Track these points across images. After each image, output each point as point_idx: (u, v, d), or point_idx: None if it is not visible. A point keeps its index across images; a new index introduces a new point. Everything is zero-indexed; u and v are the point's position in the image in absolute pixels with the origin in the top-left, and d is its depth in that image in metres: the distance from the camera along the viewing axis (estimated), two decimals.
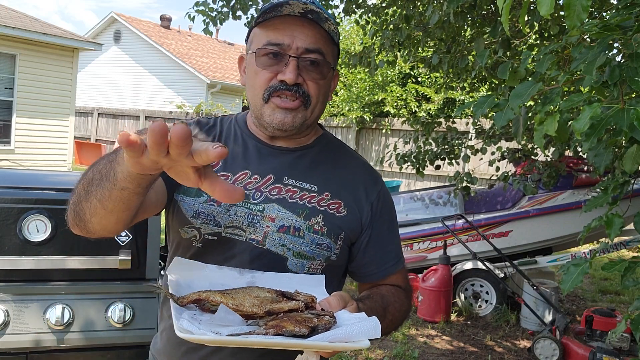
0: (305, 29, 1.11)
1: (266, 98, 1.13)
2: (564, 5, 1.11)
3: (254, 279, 1.07)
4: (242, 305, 0.92)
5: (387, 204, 1.28)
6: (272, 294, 0.97)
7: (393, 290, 1.25)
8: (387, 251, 1.27)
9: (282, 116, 1.13)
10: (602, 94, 1.32)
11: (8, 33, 9.12)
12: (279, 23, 1.11)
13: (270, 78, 1.12)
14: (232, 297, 0.94)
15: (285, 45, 1.10)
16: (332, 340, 0.85)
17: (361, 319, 0.92)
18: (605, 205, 1.70)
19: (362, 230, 1.23)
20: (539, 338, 4.02)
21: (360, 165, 1.30)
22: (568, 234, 5.06)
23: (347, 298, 1.01)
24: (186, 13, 4.48)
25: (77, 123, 16.32)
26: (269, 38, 1.11)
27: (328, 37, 1.13)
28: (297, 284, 1.06)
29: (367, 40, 4.97)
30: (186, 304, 0.93)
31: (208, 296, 0.93)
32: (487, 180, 6.34)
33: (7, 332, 1.76)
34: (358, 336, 0.86)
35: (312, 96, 1.14)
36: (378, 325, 0.89)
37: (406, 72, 12.02)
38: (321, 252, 1.17)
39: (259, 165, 1.19)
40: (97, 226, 0.98)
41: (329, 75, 1.17)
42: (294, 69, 1.10)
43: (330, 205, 1.19)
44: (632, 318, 1.37)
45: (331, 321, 0.90)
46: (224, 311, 0.90)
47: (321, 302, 0.98)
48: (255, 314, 0.92)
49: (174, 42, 19.33)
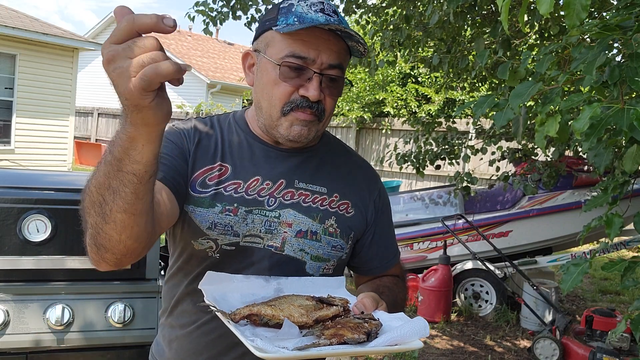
0: (331, 44, 1.08)
1: (286, 112, 1.09)
2: (564, 5, 1.11)
3: (280, 286, 1.09)
4: (292, 316, 0.95)
5: (386, 201, 1.32)
6: (310, 301, 1.00)
7: (395, 280, 1.29)
8: (388, 245, 1.31)
9: (300, 129, 1.10)
10: (602, 94, 1.32)
11: (8, 33, 9.12)
12: (305, 34, 1.06)
13: (291, 92, 1.08)
14: (280, 309, 0.96)
15: (310, 60, 1.06)
16: (390, 344, 0.89)
17: (407, 320, 0.96)
18: (605, 205, 1.70)
19: (367, 227, 1.25)
20: (539, 338, 4.02)
21: (360, 164, 1.31)
22: (568, 234, 5.05)
23: (377, 298, 1.04)
24: (186, 13, 4.48)
25: (77, 123, 16.31)
26: (293, 49, 1.06)
27: (347, 51, 1.12)
28: (321, 287, 1.10)
29: (368, 40, 4.96)
30: (239, 320, 0.94)
31: (260, 310, 0.95)
32: (487, 180, 6.34)
33: (7, 332, 1.76)
34: (410, 337, 0.90)
35: (327, 111, 1.13)
36: (426, 325, 0.92)
37: (406, 72, 12.01)
38: (335, 253, 1.20)
39: (269, 170, 1.17)
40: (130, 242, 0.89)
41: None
42: (318, 86, 1.07)
43: (340, 206, 1.21)
44: (632, 318, 1.38)
45: (379, 324, 0.94)
46: (288, 326, 0.92)
47: (357, 305, 1.01)
48: (306, 323, 0.95)
49: (174, 42, 19.33)
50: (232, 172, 1.16)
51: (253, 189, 1.15)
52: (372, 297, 1.03)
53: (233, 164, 1.17)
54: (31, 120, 9.90)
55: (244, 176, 1.16)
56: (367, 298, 1.02)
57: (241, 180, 1.15)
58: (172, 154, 1.12)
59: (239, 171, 1.16)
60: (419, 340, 0.90)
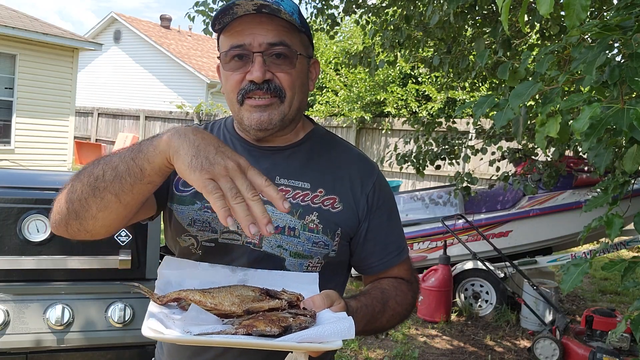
0: (264, 25, 1.09)
1: (240, 101, 1.12)
2: (564, 5, 1.11)
3: (246, 277, 1.06)
4: (220, 304, 0.92)
5: (385, 195, 1.25)
6: (256, 293, 0.96)
7: (395, 283, 1.24)
8: (388, 243, 1.25)
9: (258, 115, 1.12)
10: (602, 94, 1.32)
11: (8, 33, 9.12)
12: (237, 25, 1.10)
13: (240, 80, 1.12)
14: (212, 295, 0.93)
15: (247, 45, 1.09)
16: (301, 340, 0.84)
17: (338, 319, 0.91)
18: (605, 205, 1.70)
19: (359, 223, 1.21)
20: (539, 338, 4.02)
21: (355, 157, 1.27)
22: (568, 234, 5.06)
23: (334, 297, 0.99)
24: (186, 13, 4.48)
25: (77, 123, 16.30)
26: (231, 42, 1.11)
27: (291, 26, 1.12)
28: (290, 281, 1.05)
29: (368, 40, 4.96)
30: (166, 302, 0.93)
31: (187, 295, 0.93)
32: (488, 180, 6.34)
33: (7, 332, 1.76)
34: (331, 336, 0.85)
35: (286, 88, 1.12)
36: (352, 326, 0.88)
37: (407, 73, 12.01)
38: (318, 250, 1.16)
39: None
40: (100, 222, 0.98)
41: (300, 64, 1.15)
42: (259, 66, 1.08)
43: (324, 202, 1.18)
44: (632, 318, 1.37)
45: (308, 320, 0.89)
46: (195, 310, 0.89)
47: (305, 302, 0.97)
48: (234, 312, 0.91)
49: (174, 42, 19.33)
50: None
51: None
52: (326, 294, 0.99)
53: None
54: (31, 120, 9.90)
55: None
56: (319, 295, 0.98)
57: None
58: None
59: None
60: (339, 340, 0.85)
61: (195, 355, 1.17)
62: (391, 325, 1.20)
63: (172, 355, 1.22)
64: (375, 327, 1.16)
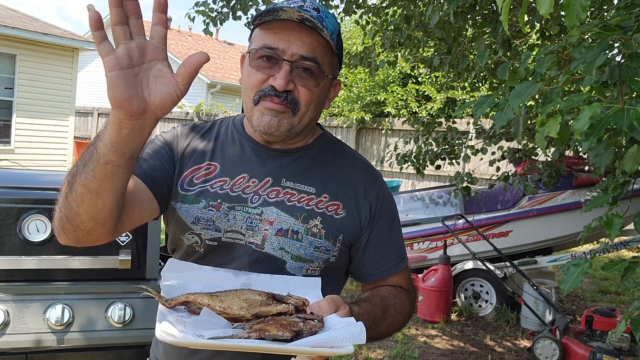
0: (303, 36, 1.09)
1: (256, 101, 1.12)
2: (564, 5, 1.11)
3: (249, 281, 1.07)
4: (229, 308, 0.92)
5: (387, 204, 1.26)
6: (262, 297, 0.96)
7: (394, 291, 1.24)
8: (387, 252, 1.25)
9: (269, 119, 1.11)
10: (602, 94, 1.32)
11: (8, 33, 9.12)
12: (277, 27, 1.10)
13: (262, 81, 1.11)
14: (220, 299, 0.93)
15: (280, 50, 1.09)
16: (314, 345, 0.84)
17: (348, 324, 0.91)
18: (605, 205, 1.70)
19: (361, 231, 1.21)
20: (539, 338, 4.02)
21: (360, 165, 1.28)
22: (568, 234, 5.06)
23: (339, 302, 0.99)
24: (186, 13, 4.48)
25: (77, 123, 16.30)
26: (265, 41, 1.10)
27: (327, 45, 1.12)
28: (293, 286, 1.05)
29: (368, 40, 4.96)
30: (174, 306, 0.93)
31: (196, 298, 0.93)
32: (488, 180, 6.34)
33: (7, 332, 1.76)
34: (342, 341, 0.85)
35: (302, 103, 1.12)
36: (363, 331, 0.88)
37: (407, 73, 12.01)
38: (319, 254, 1.16)
39: (257, 168, 1.19)
40: (85, 218, 0.95)
41: (323, 84, 1.15)
42: (285, 75, 1.08)
43: (328, 207, 1.18)
44: (632, 318, 1.37)
45: (318, 325, 0.89)
46: (207, 314, 0.89)
47: (311, 306, 0.97)
48: (243, 317, 0.92)
49: (174, 42, 19.33)
50: (220, 170, 1.19)
51: (238, 186, 1.17)
52: (332, 299, 0.99)
53: (222, 162, 1.20)
54: (31, 120, 9.91)
55: (231, 173, 1.19)
56: (325, 300, 0.98)
57: (228, 178, 1.18)
58: (158, 154, 1.19)
59: (226, 169, 1.19)
60: (351, 345, 0.85)
61: (191, 353, 1.17)
62: (389, 332, 1.20)
63: (168, 353, 1.23)
64: (375, 334, 1.16)
